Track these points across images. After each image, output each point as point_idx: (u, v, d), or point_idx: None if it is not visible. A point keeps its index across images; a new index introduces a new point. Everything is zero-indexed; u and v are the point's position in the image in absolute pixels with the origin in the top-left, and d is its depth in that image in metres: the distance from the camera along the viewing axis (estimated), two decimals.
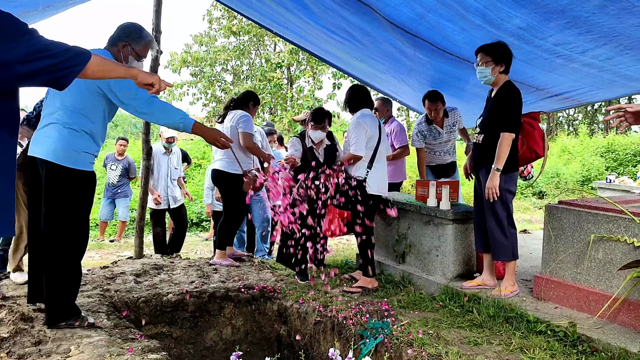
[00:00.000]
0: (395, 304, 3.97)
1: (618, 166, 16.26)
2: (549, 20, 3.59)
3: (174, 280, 4.63)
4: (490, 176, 3.66)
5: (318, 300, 4.13)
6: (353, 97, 4.61)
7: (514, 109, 3.77)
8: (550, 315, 3.37)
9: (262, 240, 6.53)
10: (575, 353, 2.96)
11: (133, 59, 3.41)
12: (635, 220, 3.03)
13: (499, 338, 3.24)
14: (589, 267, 3.33)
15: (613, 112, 2.58)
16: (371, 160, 4.47)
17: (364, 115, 4.51)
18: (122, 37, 3.37)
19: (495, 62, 3.84)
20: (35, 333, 3.28)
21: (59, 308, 3.34)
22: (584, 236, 3.36)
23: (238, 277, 4.77)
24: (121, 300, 4.07)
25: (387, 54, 5.27)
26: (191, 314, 4.25)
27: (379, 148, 4.51)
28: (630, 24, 3.38)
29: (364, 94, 4.66)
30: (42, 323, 3.40)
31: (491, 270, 3.97)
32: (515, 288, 3.82)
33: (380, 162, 4.53)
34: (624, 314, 3.12)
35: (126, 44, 3.36)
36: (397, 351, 3.25)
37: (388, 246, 4.76)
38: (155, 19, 5.42)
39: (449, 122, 5.42)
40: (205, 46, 19.61)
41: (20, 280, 4.15)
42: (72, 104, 3.21)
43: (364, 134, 4.40)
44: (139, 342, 3.28)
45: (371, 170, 4.45)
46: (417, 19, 4.19)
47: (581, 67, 4.33)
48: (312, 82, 18.48)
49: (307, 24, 5.07)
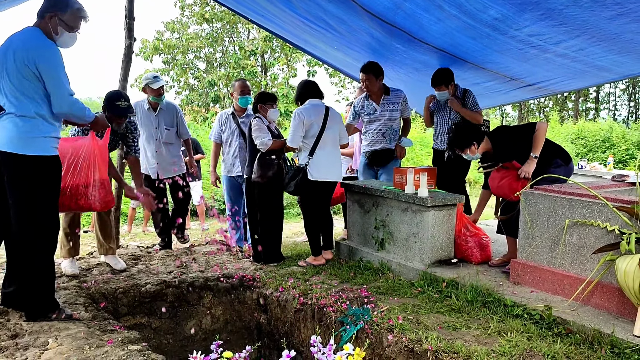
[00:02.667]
0: (375, 290, 4.01)
1: (588, 152, 16.64)
2: (523, 11, 3.65)
3: (151, 270, 4.60)
4: (529, 162, 4.01)
5: (298, 289, 4.14)
6: (301, 90, 4.86)
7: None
8: (527, 299, 3.45)
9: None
10: (551, 335, 3.04)
11: (63, 30, 3.25)
12: (608, 205, 3.11)
13: (477, 322, 3.31)
14: (564, 252, 3.41)
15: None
16: (313, 148, 4.68)
17: (308, 105, 4.72)
18: (49, 8, 3.21)
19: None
20: (12, 326, 3.23)
21: (38, 302, 3.29)
22: (559, 221, 3.44)
23: (217, 267, 4.75)
24: (99, 292, 4.02)
25: (364, 43, 5.28)
26: (170, 304, 4.22)
27: (322, 136, 4.68)
28: (603, 17, 3.46)
29: (311, 86, 4.85)
30: (18, 317, 3.34)
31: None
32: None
33: (324, 150, 4.71)
34: (597, 296, 3.21)
35: (53, 14, 3.20)
36: (378, 337, 3.29)
37: (367, 233, 4.79)
38: (128, 4, 5.31)
39: (388, 100, 5.23)
40: (178, 33, 19.34)
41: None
42: (15, 90, 3.10)
43: (300, 125, 4.63)
44: (119, 333, 3.26)
45: (312, 158, 4.68)
46: (393, 8, 4.20)
47: (554, 58, 4.41)
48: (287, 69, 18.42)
49: (284, 13, 5.04)
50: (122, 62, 5.32)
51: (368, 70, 5.11)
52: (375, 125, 5.30)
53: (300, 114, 4.64)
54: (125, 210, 8.47)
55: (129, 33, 5.29)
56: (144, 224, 8.82)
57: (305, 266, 4.78)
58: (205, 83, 17.95)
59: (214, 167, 5.94)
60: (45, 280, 3.28)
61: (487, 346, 2.95)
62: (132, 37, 5.33)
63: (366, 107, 5.31)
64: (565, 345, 2.89)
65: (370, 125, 5.32)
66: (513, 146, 4.12)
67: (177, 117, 5.58)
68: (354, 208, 4.99)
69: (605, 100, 34.32)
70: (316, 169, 4.69)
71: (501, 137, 4.21)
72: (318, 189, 4.76)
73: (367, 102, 5.30)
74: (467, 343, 3.00)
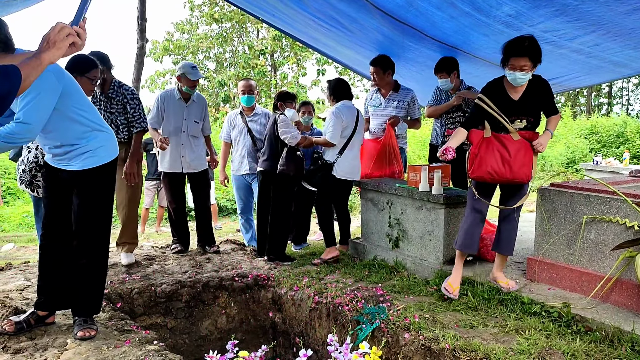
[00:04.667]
0: (390, 289, 4.00)
1: (602, 147, 16.49)
2: (538, 7, 3.62)
3: (166, 270, 4.62)
4: (545, 135, 3.46)
5: (312, 287, 4.14)
6: (337, 88, 5.01)
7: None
8: (544, 297, 3.43)
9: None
10: (570, 333, 3.02)
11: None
12: (627, 201, 3.08)
13: (494, 320, 3.29)
14: (582, 248, 3.38)
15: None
16: (343, 148, 4.90)
17: (344, 106, 4.91)
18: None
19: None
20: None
21: (99, 300, 3.36)
22: (576, 218, 3.41)
23: (231, 266, 4.77)
24: (115, 292, 4.04)
25: (375, 41, 5.26)
26: (185, 303, 4.24)
27: (352, 138, 4.92)
28: (619, 12, 3.42)
29: (346, 86, 5.06)
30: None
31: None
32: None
33: (352, 151, 4.96)
34: (616, 293, 3.18)
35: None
36: (394, 336, 3.28)
37: (381, 232, 4.78)
38: (140, 6, 5.34)
39: (395, 96, 5.22)
40: (187, 34, 19.39)
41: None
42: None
43: (340, 123, 4.83)
44: (136, 333, 3.28)
45: (341, 157, 4.90)
46: (405, 6, 4.18)
47: (569, 54, 4.37)
48: (296, 68, 18.43)
49: (295, 12, 5.03)
50: (134, 63, 5.36)
51: (376, 63, 5.16)
52: (377, 120, 5.33)
53: (339, 114, 4.83)
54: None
55: (142, 34, 5.33)
56: (157, 224, 8.88)
57: (319, 264, 4.81)
58: (215, 83, 17.98)
59: (223, 167, 5.99)
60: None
61: (505, 344, 2.93)
62: (144, 38, 5.37)
63: (374, 99, 5.35)
64: (584, 343, 2.87)
65: (374, 118, 5.36)
66: (540, 103, 3.49)
67: (204, 111, 5.33)
68: (367, 206, 4.98)
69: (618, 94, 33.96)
70: (342, 168, 4.91)
71: (540, 86, 3.48)
72: (340, 186, 5.00)
73: (375, 95, 5.35)
74: (485, 341, 2.98)
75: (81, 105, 3.12)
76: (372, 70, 5.19)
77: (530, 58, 3.26)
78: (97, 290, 3.30)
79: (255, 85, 5.63)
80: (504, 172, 3.37)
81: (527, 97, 3.41)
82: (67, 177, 3.17)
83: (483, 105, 3.42)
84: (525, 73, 3.29)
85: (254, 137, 5.55)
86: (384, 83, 5.21)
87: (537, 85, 3.44)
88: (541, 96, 3.44)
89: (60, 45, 1.78)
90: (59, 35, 1.77)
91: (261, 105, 16.10)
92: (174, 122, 5.11)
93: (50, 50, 1.78)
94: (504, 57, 3.35)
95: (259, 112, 5.68)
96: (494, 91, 3.46)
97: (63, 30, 1.78)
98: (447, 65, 4.94)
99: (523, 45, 3.25)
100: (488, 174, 3.42)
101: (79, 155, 3.15)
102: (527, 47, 3.25)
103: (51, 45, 1.78)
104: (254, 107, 5.64)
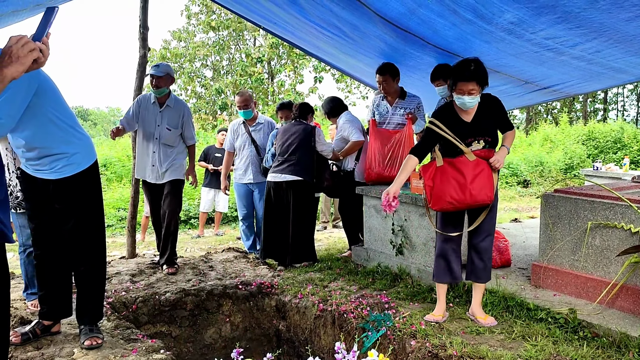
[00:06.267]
0: (395, 295, 4.01)
1: (599, 153, 16.56)
2: (540, 15, 3.63)
3: (170, 279, 4.61)
4: (501, 151, 3.35)
5: (317, 295, 4.14)
6: (332, 105, 5.52)
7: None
8: (550, 303, 3.44)
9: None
10: (577, 339, 3.03)
11: None
12: (632, 207, 3.10)
13: (500, 326, 3.30)
14: (587, 254, 3.40)
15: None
16: (359, 153, 5.29)
17: (349, 114, 5.46)
18: None
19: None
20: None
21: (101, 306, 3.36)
22: (581, 223, 3.43)
23: (235, 274, 4.76)
24: (119, 301, 4.04)
25: (377, 48, 5.28)
26: (190, 312, 4.23)
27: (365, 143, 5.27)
28: (621, 19, 3.44)
29: (340, 101, 5.59)
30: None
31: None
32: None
33: (364, 154, 5.26)
34: (622, 299, 3.19)
35: None
36: (401, 343, 3.28)
37: (384, 238, 4.79)
38: (142, 15, 5.36)
39: (402, 104, 5.20)
40: (184, 42, 19.44)
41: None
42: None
43: (356, 125, 5.30)
44: (142, 342, 3.27)
45: (359, 162, 5.29)
46: (407, 13, 4.20)
47: (570, 60, 4.40)
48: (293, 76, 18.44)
49: (297, 19, 5.05)
50: (136, 71, 5.37)
51: (385, 71, 5.12)
52: (385, 127, 5.30)
53: (352, 119, 5.35)
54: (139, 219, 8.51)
55: (143, 43, 5.34)
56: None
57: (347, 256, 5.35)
58: (213, 91, 17.99)
59: (225, 175, 6.01)
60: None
61: (512, 351, 2.93)
62: (146, 46, 5.37)
63: (381, 107, 5.32)
64: (592, 349, 2.88)
65: (382, 127, 5.32)
66: (494, 121, 3.39)
67: (183, 118, 4.88)
68: (370, 213, 4.98)
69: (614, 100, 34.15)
70: (360, 171, 5.29)
71: (490, 103, 3.41)
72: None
73: (382, 102, 5.31)
74: (492, 348, 2.99)
75: (57, 107, 3.00)
76: (380, 78, 5.15)
77: (478, 82, 3.20)
78: (98, 296, 3.30)
79: (250, 96, 5.59)
80: (465, 199, 3.24)
81: (479, 117, 3.33)
82: (46, 185, 3.09)
83: (435, 129, 3.32)
84: (473, 97, 3.22)
85: (258, 146, 5.56)
86: (392, 90, 5.21)
87: (488, 104, 3.36)
88: (494, 114, 3.37)
89: (23, 61, 1.66)
90: (22, 49, 1.65)
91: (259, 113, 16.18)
92: (147, 127, 4.83)
93: (12, 65, 1.65)
94: (452, 82, 3.29)
95: (262, 121, 5.69)
96: (445, 115, 3.37)
97: (27, 45, 1.66)
98: (443, 72, 4.96)
99: (469, 69, 3.20)
100: (449, 204, 3.30)
101: (54, 162, 3.04)
102: (473, 71, 3.19)
103: (14, 59, 1.65)
104: (256, 116, 5.66)
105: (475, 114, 3.33)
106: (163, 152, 4.82)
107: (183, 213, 10.79)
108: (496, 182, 3.31)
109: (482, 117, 3.33)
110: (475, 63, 3.23)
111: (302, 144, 5.05)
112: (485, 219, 3.36)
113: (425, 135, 3.45)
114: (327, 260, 5.28)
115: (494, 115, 3.36)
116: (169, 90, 4.86)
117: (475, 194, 3.21)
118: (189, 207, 10.44)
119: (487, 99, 3.38)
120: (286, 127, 5.23)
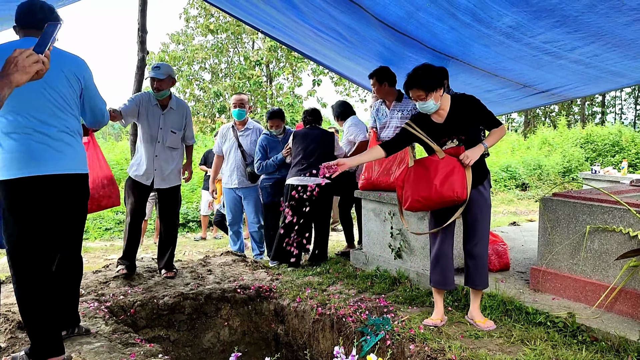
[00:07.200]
0: (393, 299, 4.00)
1: (597, 156, 16.61)
2: (538, 19, 3.64)
3: (168, 282, 4.59)
4: (476, 148, 3.25)
5: (315, 299, 4.13)
6: (342, 109, 5.91)
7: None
8: (549, 307, 3.43)
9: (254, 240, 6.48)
10: (576, 343, 3.02)
11: None
12: (630, 211, 3.10)
13: (499, 330, 3.29)
14: (585, 258, 3.40)
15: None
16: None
17: (356, 118, 5.84)
18: None
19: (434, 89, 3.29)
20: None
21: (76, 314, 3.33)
22: (579, 227, 3.43)
23: (233, 278, 4.75)
24: (117, 305, 4.02)
25: (376, 52, 5.29)
26: (188, 316, 4.22)
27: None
28: (619, 23, 3.45)
29: (349, 105, 5.99)
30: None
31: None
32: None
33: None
34: (621, 303, 3.19)
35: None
36: (400, 347, 3.28)
37: (383, 242, 4.78)
38: (140, 18, 5.36)
39: (399, 106, 5.14)
40: (183, 45, 19.41)
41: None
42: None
43: (362, 127, 5.69)
44: (140, 346, 3.26)
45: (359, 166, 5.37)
46: (406, 17, 4.21)
47: (569, 64, 4.41)
48: (292, 79, 18.46)
49: (296, 23, 5.06)
50: (135, 74, 5.37)
51: (372, 75, 5.15)
52: (386, 132, 5.27)
53: (357, 122, 5.77)
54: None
55: (142, 46, 5.34)
56: (155, 235, 8.84)
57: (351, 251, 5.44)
58: (211, 94, 17.99)
59: (213, 179, 6.12)
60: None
61: (511, 355, 2.93)
62: (144, 50, 5.38)
63: (380, 111, 5.31)
64: (591, 353, 2.88)
65: (383, 132, 5.31)
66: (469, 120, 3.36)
67: (186, 119, 4.75)
68: (368, 217, 4.98)
69: (612, 103, 34.24)
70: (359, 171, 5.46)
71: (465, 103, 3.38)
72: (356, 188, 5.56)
73: (381, 107, 5.30)
74: (491, 352, 2.98)
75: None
76: (370, 82, 5.22)
77: (422, 88, 3.20)
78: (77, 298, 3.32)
79: (248, 100, 5.63)
80: (430, 194, 3.21)
81: (452, 117, 3.32)
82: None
83: (410, 130, 3.36)
84: (423, 102, 3.23)
85: (244, 151, 5.59)
86: (383, 94, 5.18)
87: (462, 103, 3.34)
88: (469, 113, 3.32)
89: (28, 70, 1.79)
90: (27, 60, 1.79)
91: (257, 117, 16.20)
92: (148, 130, 4.56)
93: (18, 72, 1.78)
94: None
95: (250, 127, 5.72)
96: (420, 119, 3.40)
97: (31, 57, 1.79)
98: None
99: (415, 76, 3.22)
100: (417, 202, 3.29)
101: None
102: (417, 78, 3.21)
103: (19, 68, 1.78)
104: (246, 121, 5.68)
105: (447, 115, 3.35)
106: (166, 156, 4.63)
107: (181, 216, 10.80)
108: (468, 179, 3.22)
109: (455, 117, 3.34)
110: (423, 69, 3.25)
111: (325, 149, 5.30)
112: (476, 225, 3.34)
113: (398, 132, 3.50)
114: (326, 263, 5.27)
115: (471, 114, 3.34)
116: (170, 92, 4.69)
117: (440, 189, 3.18)
118: (187, 211, 10.43)
119: (461, 99, 3.39)
120: (305, 132, 5.40)
